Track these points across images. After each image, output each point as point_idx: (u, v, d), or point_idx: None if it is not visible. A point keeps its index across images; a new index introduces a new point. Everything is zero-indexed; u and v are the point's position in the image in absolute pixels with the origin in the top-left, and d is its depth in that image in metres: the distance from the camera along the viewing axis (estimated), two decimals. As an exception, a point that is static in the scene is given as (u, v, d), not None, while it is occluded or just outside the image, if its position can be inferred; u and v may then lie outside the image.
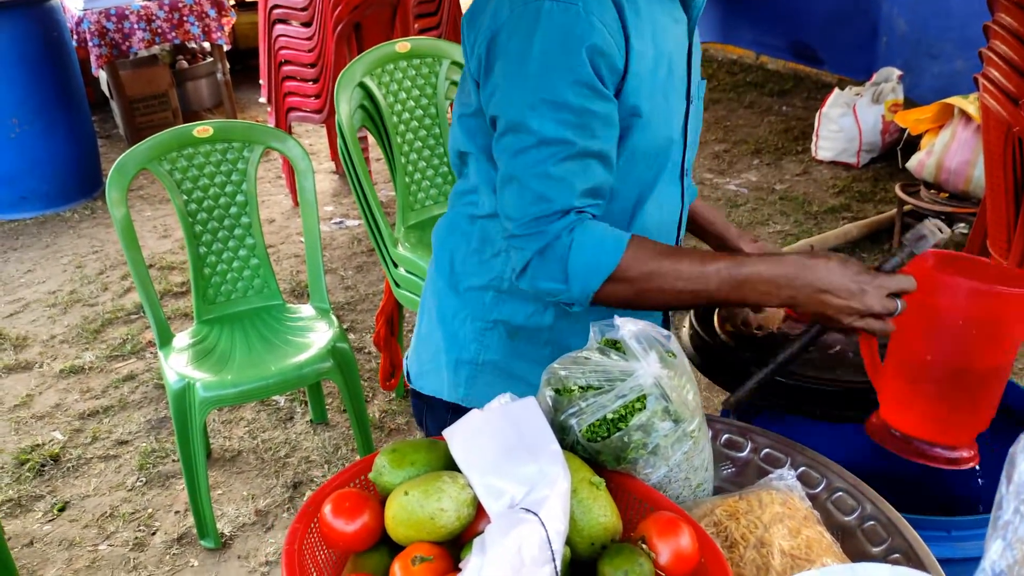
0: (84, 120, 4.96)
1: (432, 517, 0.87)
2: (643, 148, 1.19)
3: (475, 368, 1.34)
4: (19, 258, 4.38)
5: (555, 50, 1.08)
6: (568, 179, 1.10)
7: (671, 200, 1.29)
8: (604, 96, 1.11)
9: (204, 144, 2.66)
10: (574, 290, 1.12)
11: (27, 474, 2.85)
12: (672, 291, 1.11)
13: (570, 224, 1.10)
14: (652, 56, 1.16)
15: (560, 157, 1.10)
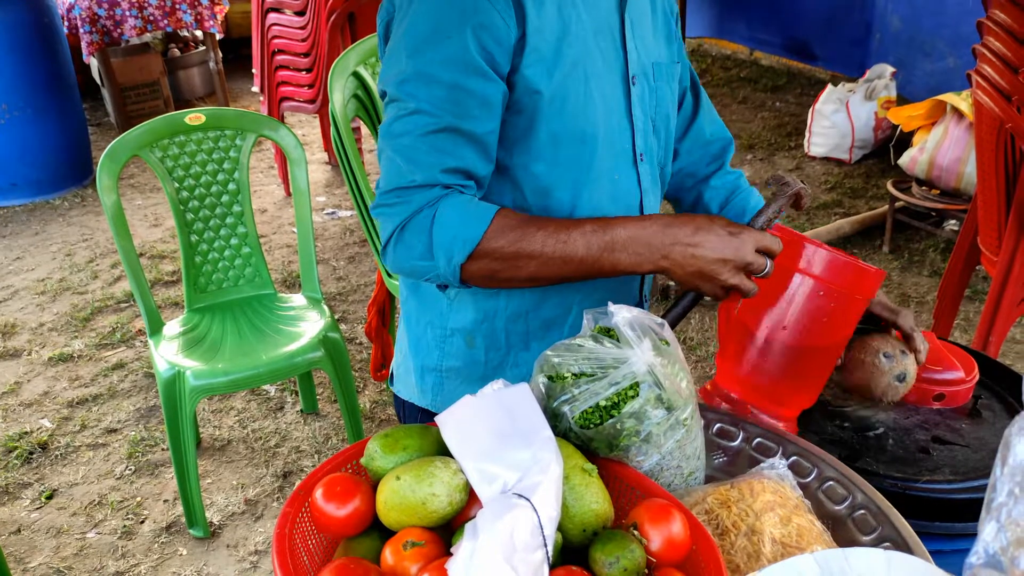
0: (75, 107, 4.92)
1: (424, 502, 0.87)
2: (560, 131, 1.14)
3: (440, 375, 1.32)
4: (8, 245, 4.35)
5: (433, 25, 1.07)
6: (432, 153, 1.08)
7: (624, 188, 1.23)
8: (484, 75, 1.07)
9: (196, 132, 2.64)
10: (439, 265, 1.08)
11: (15, 461, 2.84)
12: (541, 258, 1.07)
13: (434, 198, 1.07)
14: (557, 31, 1.11)
15: (426, 130, 1.07)
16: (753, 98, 6.03)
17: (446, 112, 1.07)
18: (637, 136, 1.23)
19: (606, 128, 1.18)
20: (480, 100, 1.08)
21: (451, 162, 1.09)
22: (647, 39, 1.25)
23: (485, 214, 1.08)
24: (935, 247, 3.93)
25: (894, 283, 3.70)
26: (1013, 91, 2.31)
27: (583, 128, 1.16)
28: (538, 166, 1.17)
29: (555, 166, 1.17)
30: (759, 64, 6.68)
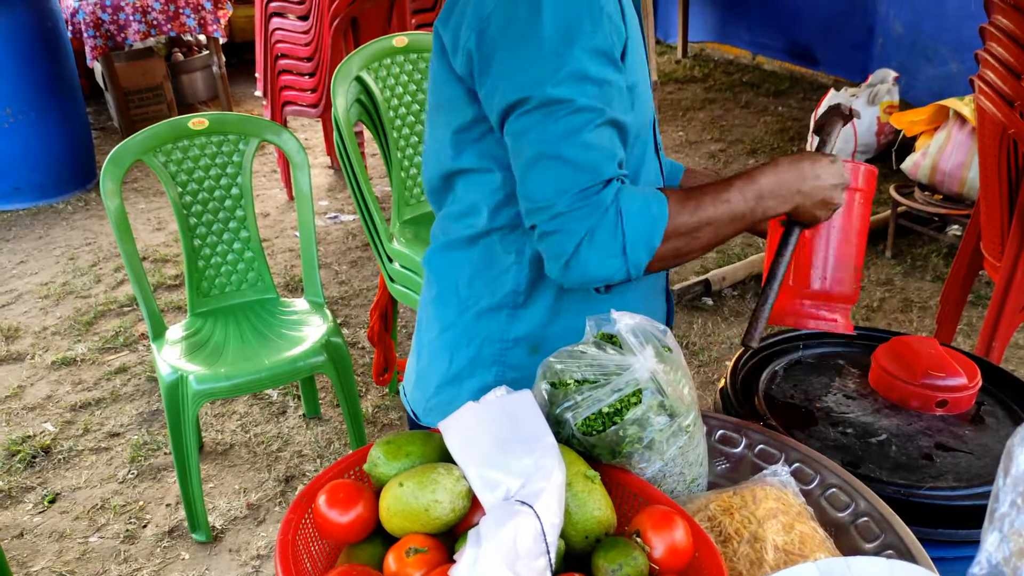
0: (78, 111, 4.94)
1: (427, 509, 0.87)
2: (638, 125, 1.17)
3: (457, 393, 1.29)
4: (12, 249, 4.36)
5: (570, 21, 1.04)
6: (607, 146, 1.07)
7: (655, 177, 1.29)
8: (618, 66, 1.09)
9: (199, 136, 2.65)
10: (632, 260, 1.06)
11: (18, 465, 2.84)
12: (715, 223, 1.10)
13: (615, 193, 1.06)
14: (632, 25, 1.17)
15: (596, 124, 1.06)
16: (755, 103, 6.04)
17: (606, 105, 1.07)
18: (656, 127, 1.29)
19: (648, 118, 1.23)
20: (619, 91, 1.09)
21: (619, 154, 1.09)
22: None
23: (660, 197, 1.09)
24: (938, 252, 3.93)
25: (896, 288, 3.70)
26: (1016, 96, 2.31)
27: (646, 121, 1.21)
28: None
29: (629, 154, 1.18)
30: (761, 69, 6.68)
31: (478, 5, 1.08)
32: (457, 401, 1.27)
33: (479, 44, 1.08)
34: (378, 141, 2.92)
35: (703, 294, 3.75)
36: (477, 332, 1.27)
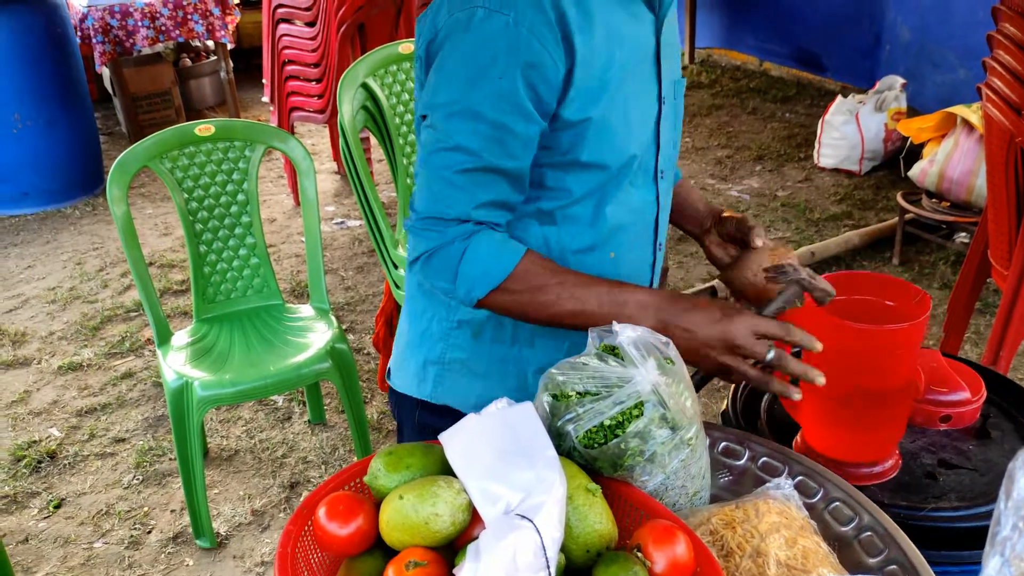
0: (87, 116, 4.96)
1: (427, 522, 0.87)
2: (600, 155, 1.17)
3: (442, 367, 1.34)
4: (19, 254, 4.37)
5: (482, 61, 1.07)
6: (469, 190, 1.11)
7: (644, 204, 1.27)
8: (528, 116, 1.10)
9: (206, 143, 2.66)
10: (459, 293, 1.14)
11: (23, 470, 2.85)
12: (552, 310, 1.13)
13: (466, 232, 1.12)
14: (604, 60, 1.13)
15: (465, 167, 1.10)
16: (762, 109, 6.03)
17: (487, 151, 1.10)
18: (661, 155, 1.25)
19: (638, 149, 1.21)
20: (523, 140, 1.11)
21: (486, 196, 1.13)
22: (673, 55, 1.28)
23: (511, 258, 1.13)
24: (945, 260, 3.91)
25: (904, 296, 3.68)
26: (1023, 104, 2.30)
27: (621, 150, 1.19)
28: (572, 183, 1.19)
29: (588, 184, 1.19)
30: (768, 75, 6.67)
31: (435, 16, 1.13)
32: (411, 368, 1.36)
33: (427, 51, 1.15)
34: (384, 147, 2.92)
35: (709, 301, 3.73)
36: (430, 306, 1.33)
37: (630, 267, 1.29)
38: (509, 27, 1.05)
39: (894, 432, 1.31)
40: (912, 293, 1.30)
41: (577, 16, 1.09)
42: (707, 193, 4.80)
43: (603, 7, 1.13)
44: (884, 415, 1.27)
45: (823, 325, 1.21)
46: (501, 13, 1.05)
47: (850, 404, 1.25)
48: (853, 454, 1.29)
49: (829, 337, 1.19)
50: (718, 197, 4.75)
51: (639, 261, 1.30)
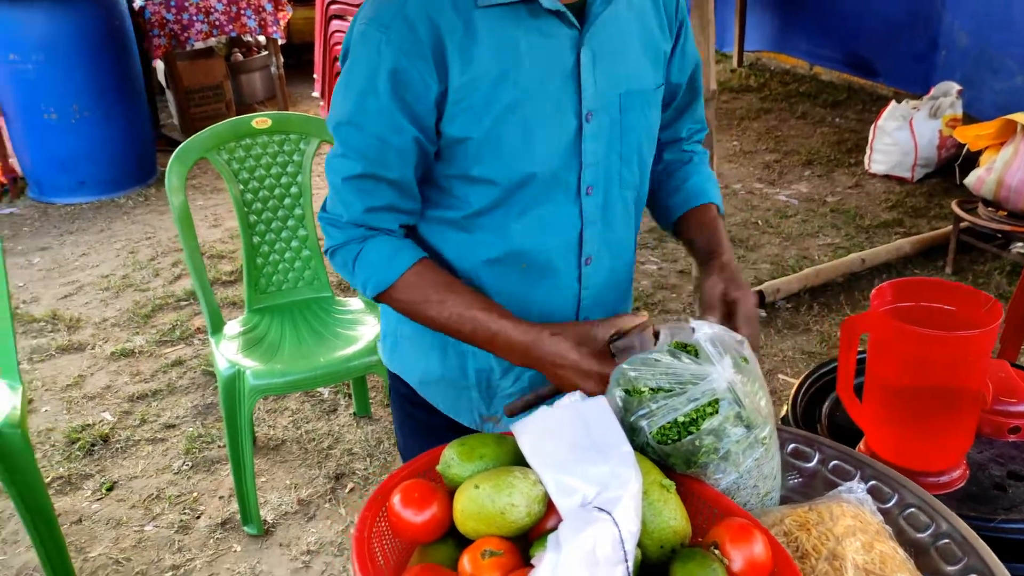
0: (141, 109, 5.05)
1: (502, 512, 0.87)
2: (494, 172, 1.17)
3: (396, 339, 1.40)
4: (75, 241, 4.47)
5: (361, 75, 1.13)
6: (358, 196, 1.18)
7: (561, 220, 1.23)
8: (400, 130, 1.13)
9: (262, 135, 2.69)
10: (361, 289, 1.23)
11: (77, 453, 2.90)
12: (436, 321, 1.19)
13: (360, 236, 1.20)
14: (492, 80, 1.12)
15: (351, 175, 1.17)
16: (812, 113, 5.95)
17: (368, 160, 1.16)
18: (586, 171, 1.21)
19: (546, 167, 1.18)
20: (398, 152, 1.15)
21: (373, 202, 1.19)
22: (618, 68, 1.20)
23: (398, 268, 1.19)
24: (1000, 270, 3.83)
25: (957, 305, 3.61)
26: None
27: (519, 169, 1.17)
28: (471, 195, 1.20)
29: (486, 197, 1.19)
30: (818, 79, 6.59)
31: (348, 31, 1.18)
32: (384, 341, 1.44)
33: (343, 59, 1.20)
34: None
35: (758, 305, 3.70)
36: None
37: (547, 282, 1.26)
38: (381, 45, 1.10)
39: (961, 442, 1.29)
40: (981, 301, 1.27)
41: (457, 37, 1.10)
42: (754, 197, 4.75)
43: (496, 26, 1.11)
44: (952, 424, 1.25)
45: (893, 331, 1.19)
46: (377, 32, 1.11)
47: (917, 411, 1.23)
48: (920, 462, 1.27)
49: (898, 343, 1.17)
50: (765, 201, 4.70)
51: (559, 275, 1.26)
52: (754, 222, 4.48)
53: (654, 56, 1.25)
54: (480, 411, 1.35)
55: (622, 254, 1.33)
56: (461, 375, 1.33)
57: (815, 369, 1.59)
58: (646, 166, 1.30)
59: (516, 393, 1.31)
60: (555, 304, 1.27)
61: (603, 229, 1.26)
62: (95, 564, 2.45)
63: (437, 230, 1.25)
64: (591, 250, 1.26)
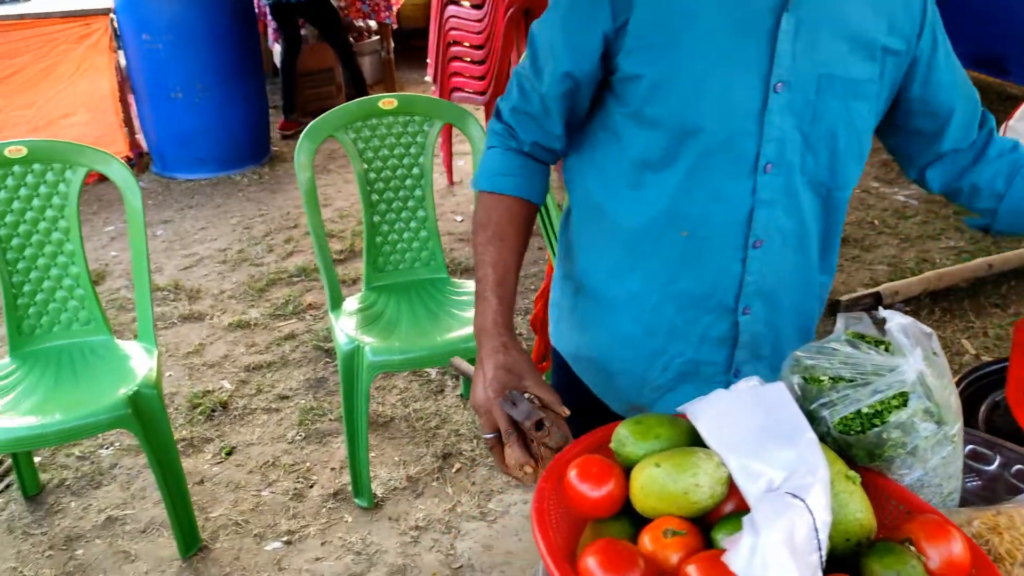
0: (259, 90, 5.20)
1: (685, 492, 0.86)
2: (662, 117, 1.15)
3: (559, 311, 1.42)
4: (195, 216, 4.64)
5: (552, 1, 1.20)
6: (509, 93, 1.26)
7: (730, 195, 1.17)
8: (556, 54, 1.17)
9: (388, 116, 2.73)
10: None
11: (199, 417, 3.02)
12: (474, 249, 1.26)
13: (497, 133, 1.28)
14: (681, 19, 1.10)
15: (518, 69, 1.24)
16: (932, 112, 5.72)
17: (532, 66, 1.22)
18: (766, 145, 1.14)
19: (718, 125, 1.14)
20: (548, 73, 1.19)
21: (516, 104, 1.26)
22: (823, 47, 1.13)
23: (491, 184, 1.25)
24: None
25: (1093, 317, 3.42)
26: None
27: (688, 118, 1.14)
28: (642, 143, 1.18)
29: (657, 150, 1.17)
30: (939, 76, 6.32)
31: None
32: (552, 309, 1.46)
33: None
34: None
35: (872, 307, 3.58)
36: (562, 252, 1.41)
37: (708, 255, 1.20)
38: None
39: None
40: None
41: None
42: (870, 196, 4.59)
43: None
44: None
45: None
46: None
47: None
48: None
49: None
50: (883, 201, 4.54)
51: (721, 251, 1.20)
52: (870, 222, 4.33)
53: (868, 48, 1.16)
54: (629, 399, 1.32)
55: (807, 255, 1.24)
56: (610, 359, 1.31)
57: (969, 372, 1.52)
58: (840, 163, 1.20)
59: (665, 384, 1.28)
60: (711, 281, 1.21)
61: (783, 216, 1.19)
62: (216, 524, 2.54)
63: (608, 186, 1.24)
64: (762, 234, 1.18)
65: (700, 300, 1.22)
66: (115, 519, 2.56)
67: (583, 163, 1.28)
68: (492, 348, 1.17)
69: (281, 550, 2.45)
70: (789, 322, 1.27)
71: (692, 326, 1.24)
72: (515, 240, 1.24)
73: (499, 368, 1.14)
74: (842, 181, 1.22)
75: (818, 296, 1.30)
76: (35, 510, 2.60)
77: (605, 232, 1.26)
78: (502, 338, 1.18)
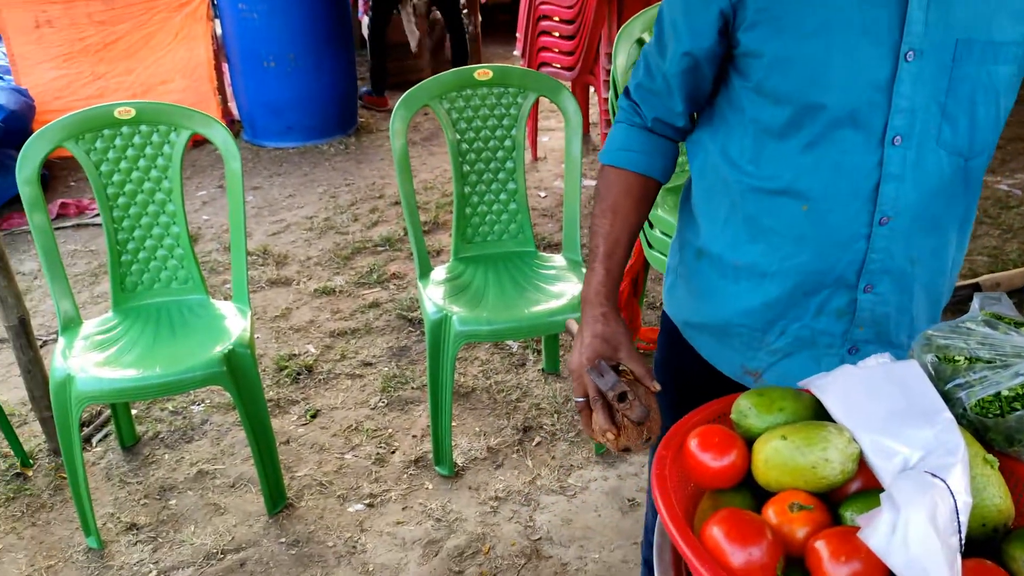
0: (349, 61, 5.26)
1: (814, 466, 0.83)
2: (784, 93, 1.13)
3: (675, 277, 1.41)
4: (282, 183, 4.73)
5: None
6: (636, 70, 1.27)
7: (856, 168, 1.13)
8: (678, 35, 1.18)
9: (482, 87, 2.72)
10: None
11: (285, 379, 3.09)
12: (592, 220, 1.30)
13: (624, 109, 1.30)
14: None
15: (646, 46, 1.25)
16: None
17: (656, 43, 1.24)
18: (895, 116, 1.10)
19: (842, 100, 1.10)
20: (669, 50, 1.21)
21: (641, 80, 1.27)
22: (960, 8, 1.08)
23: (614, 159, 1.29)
24: None
25: None
26: None
27: (810, 95, 1.11)
28: (764, 115, 1.17)
29: (777, 117, 1.15)
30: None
31: None
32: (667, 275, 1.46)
33: None
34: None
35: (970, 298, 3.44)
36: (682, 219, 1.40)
37: (830, 231, 1.17)
38: None
39: None
40: None
41: None
42: (971, 185, 4.41)
43: None
44: None
45: None
46: None
47: None
48: None
49: None
50: (984, 190, 4.34)
51: (844, 227, 1.16)
52: (970, 211, 4.16)
53: (1017, 5, 1.10)
54: (743, 363, 1.30)
55: (943, 234, 1.20)
56: (727, 324, 1.29)
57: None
58: (981, 131, 1.14)
59: (781, 349, 1.25)
60: (833, 257, 1.17)
61: (912, 191, 1.14)
62: (301, 483, 2.60)
63: (730, 158, 1.22)
64: (890, 210, 1.14)
65: (819, 274, 1.19)
66: (205, 473, 2.64)
67: (705, 135, 1.27)
68: (592, 317, 1.20)
69: (363, 512, 2.49)
70: (918, 304, 1.23)
71: (811, 297, 1.21)
72: (629, 214, 1.27)
73: (596, 337, 1.18)
74: (980, 148, 1.17)
75: (949, 275, 1.25)
76: (131, 460, 2.70)
77: (727, 205, 1.24)
78: (603, 308, 1.21)
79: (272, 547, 2.36)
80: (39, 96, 4.77)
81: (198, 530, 2.42)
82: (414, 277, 3.70)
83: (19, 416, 2.91)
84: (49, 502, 2.53)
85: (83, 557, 2.33)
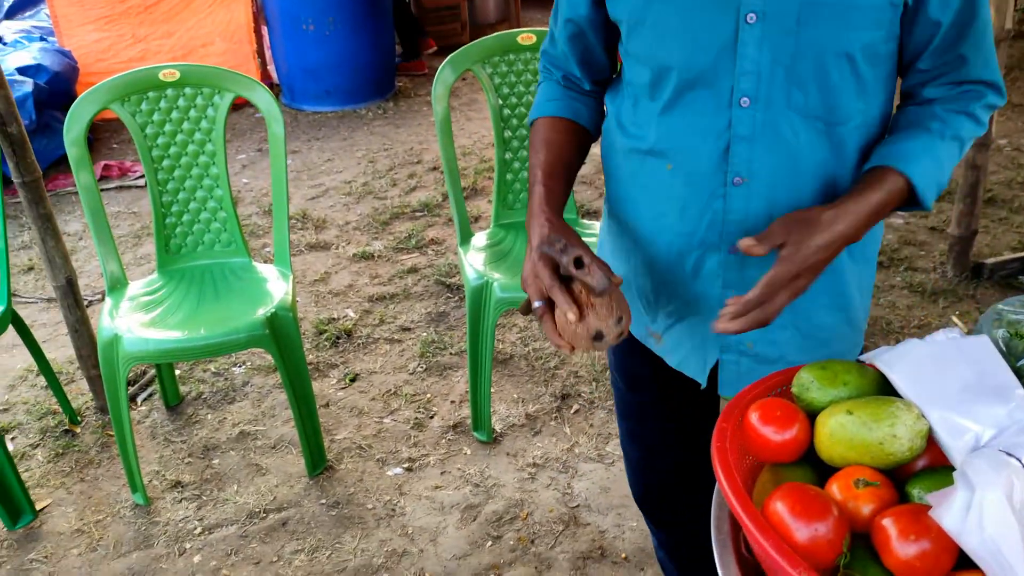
0: (387, 26, 5.23)
1: (881, 442, 0.81)
2: (640, 56, 1.19)
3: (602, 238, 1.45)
4: (321, 147, 4.74)
5: None
6: (548, 37, 1.36)
7: (707, 128, 1.15)
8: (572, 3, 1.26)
9: (525, 51, 2.69)
10: None
11: (324, 343, 3.11)
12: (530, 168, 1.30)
13: (541, 71, 1.39)
14: None
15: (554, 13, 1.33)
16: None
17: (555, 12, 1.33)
18: (740, 79, 1.11)
19: (686, 64, 1.14)
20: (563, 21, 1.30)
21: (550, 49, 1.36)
22: None
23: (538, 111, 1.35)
24: None
25: None
26: None
27: (658, 59, 1.16)
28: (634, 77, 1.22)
29: (643, 83, 1.20)
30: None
31: None
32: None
33: None
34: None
35: (1020, 271, 3.36)
36: None
37: (689, 190, 1.20)
38: None
39: None
40: None
41: None
42: (1022, 155, 4.28)
43: None
44: None
45: None
46: None
47: None
48: None
49: None
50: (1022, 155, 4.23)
51: (701, 187, 1.19)
52: (1020, 182, 4.05)
53: None
54: (648, 323, 1.35)
55: (805, 197, 1.16)
56: (628, 282, 1.34)
57: None
58: (838, 97, 1.11)
59: (674, 312, 1.29)
60: (693, 216, 1.20)
61: (766, 154, 1.13)
62: (340, 446, 2.63)
63: (616, 115, 1.30)
64: (744, 171, 1.15)
65: (687, 235, 1.22)
66: (247, 434, 2.68)
67: (607, 98, 1.35)
68: (538, 224, 1.18)
69: (402, 476, 2.51)
70: None
71: (685, 258, 1.24)
72: (562, 146, 1.29)
73: (543, 238, 1.16)
74: (842, 116, 1.13)
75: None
76: (175, 419, 2.75)
77: (616, 164, 1.31)
78: (547, 215, 1.19)
79: (313, 508, 2.39)
80: (81, 58, 4.80)
81: (241, 489, 2.45)
82: (452, 243, 3.69)
83: (67, 374, 2.97)
84: (97, 459, 2.58)
85: (130, 513, 2.38)
